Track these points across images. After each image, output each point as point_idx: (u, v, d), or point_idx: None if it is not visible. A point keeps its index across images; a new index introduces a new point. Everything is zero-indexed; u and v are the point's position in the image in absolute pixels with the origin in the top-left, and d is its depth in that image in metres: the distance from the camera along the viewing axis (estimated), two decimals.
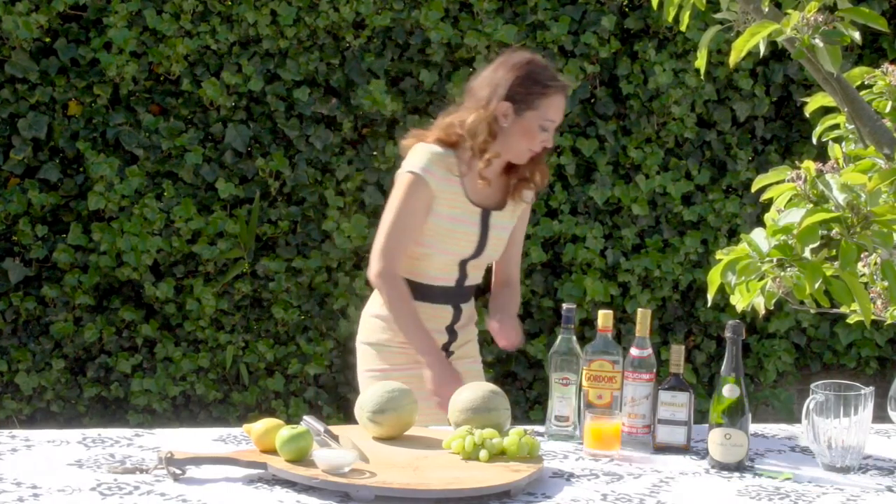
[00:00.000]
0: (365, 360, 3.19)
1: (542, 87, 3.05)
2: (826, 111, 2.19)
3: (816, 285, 1.86)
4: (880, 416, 2.74)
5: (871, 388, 2.59)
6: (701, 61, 2.08)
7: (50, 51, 4.93)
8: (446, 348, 3.18)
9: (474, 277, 3.21)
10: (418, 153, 3.09)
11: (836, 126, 2.20)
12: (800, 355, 5.61)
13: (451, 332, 3.19)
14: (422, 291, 3.12)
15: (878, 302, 2.02)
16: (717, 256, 1.98)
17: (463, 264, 3.16)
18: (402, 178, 3.09)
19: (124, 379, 5.02)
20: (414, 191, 3.06)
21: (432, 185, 3.06)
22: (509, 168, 3.16)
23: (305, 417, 2.54)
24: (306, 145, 5.07)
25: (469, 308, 3.24)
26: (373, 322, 3.18)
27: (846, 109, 2.01)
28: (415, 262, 3.11)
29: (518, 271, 3.34)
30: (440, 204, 3.08)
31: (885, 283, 1.92)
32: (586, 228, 5.21)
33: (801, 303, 1.93)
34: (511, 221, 3.23)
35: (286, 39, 5.00)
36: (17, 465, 2.36)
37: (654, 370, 2.72)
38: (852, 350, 5.57)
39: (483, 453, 2.43)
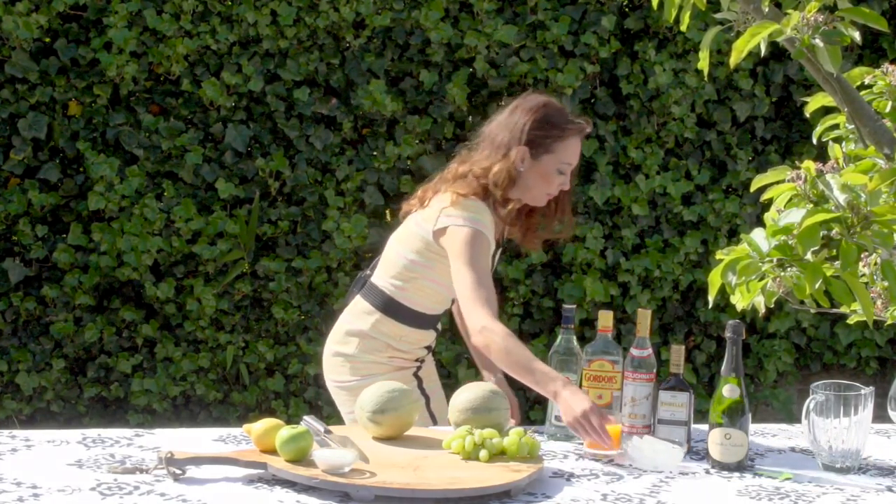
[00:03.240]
0: (335, 370, 3.16)
1: (559, 131, 3.00)
2: (826, 111, 2.19)
3: (816, 285, 1.86)
4: (880, 416, 2.74)
5: (871, 388, 2.59)
6: (703, 63, 2.08)
7: (50, 51, 4.93)
8: (417, 369, 3.16)
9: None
10: (475, 210, 2.98)
11: (836, 126, 2.20)
12: (800, 355, 5.61)
13: (428, 349, 3.19)
14: (416, 319, 3.09)
15: (879, 302, 2.01)
16: (717, 256, 1.98)
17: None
18: (470, 235, 2.94)
19: (124, 379, 5.02)
20: (485, 247, 2.96)
21: (491, 241, 3.00)
22: (530, 212, 3.14)
23: (305, 417, 2.54)
24: (306, 145, 5.07)
25: (439, 327, 3.23)
26: (346, 339, 3.14)
27: (846, 109, 2.01)
28: (419, 294, 3.07)
29: None
30: None
31: (885, 283, 1.91)
32: (586, 228, 5.21)
33: (802, 303, 1.93)
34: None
35: (286, 39, 4.99)
36: (17, 465, 2.36)
37: (654, 370, 2.72)
38: (852, 350, 5.57)
39: (483, 453, 2.43)
